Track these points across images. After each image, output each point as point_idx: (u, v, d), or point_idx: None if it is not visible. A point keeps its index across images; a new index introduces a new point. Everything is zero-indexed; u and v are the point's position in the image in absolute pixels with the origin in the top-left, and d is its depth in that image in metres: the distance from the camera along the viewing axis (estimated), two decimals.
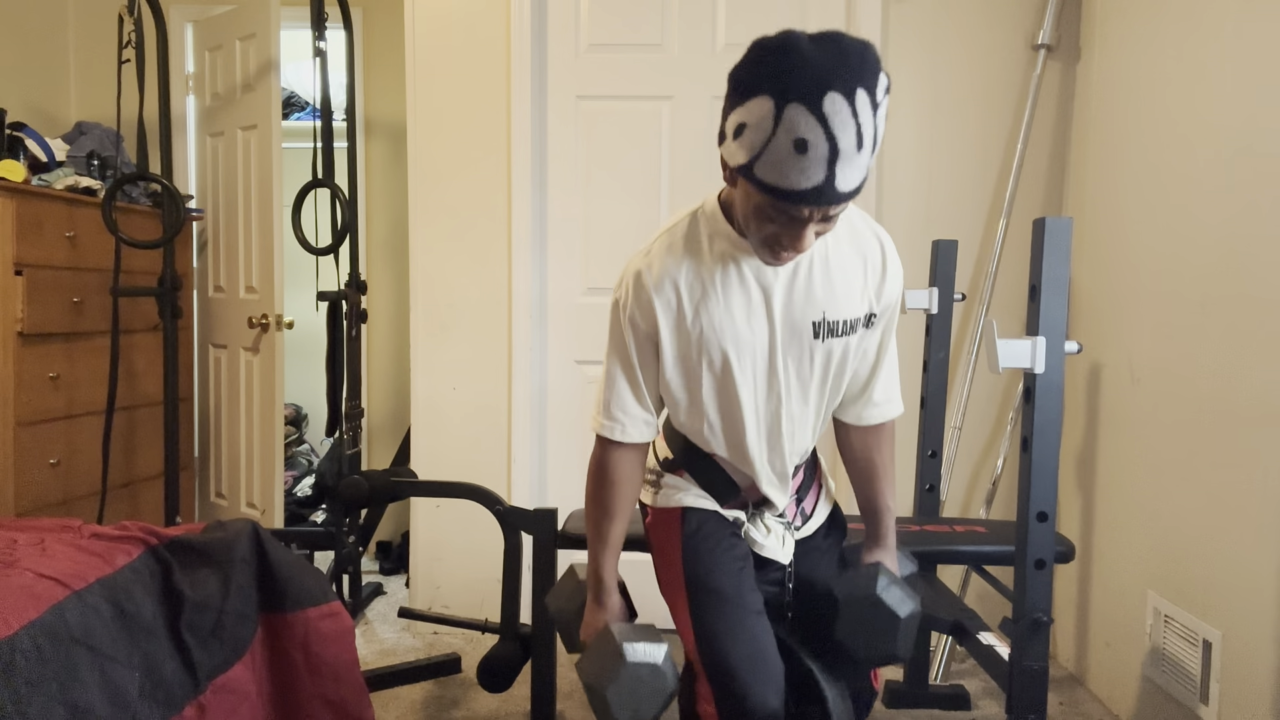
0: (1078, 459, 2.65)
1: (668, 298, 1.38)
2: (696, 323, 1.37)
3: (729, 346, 1.37)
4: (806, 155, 1.12)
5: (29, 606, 1.37)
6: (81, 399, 2.98)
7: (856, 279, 1.40)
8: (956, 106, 2.81)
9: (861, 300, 1.41)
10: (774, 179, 1.16)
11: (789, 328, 1.39)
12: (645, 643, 1.40)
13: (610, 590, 1.54)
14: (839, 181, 1.15)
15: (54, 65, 3.67)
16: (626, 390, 1.45)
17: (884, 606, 1.45)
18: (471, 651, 2.70)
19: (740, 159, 1.19)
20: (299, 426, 4.49)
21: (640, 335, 1.41)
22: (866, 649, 1.46)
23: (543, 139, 2.95)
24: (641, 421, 1.46)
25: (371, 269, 3.74)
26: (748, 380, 1.40)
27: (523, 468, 2.96)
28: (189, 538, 1.76)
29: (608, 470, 1.49)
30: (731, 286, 1.37)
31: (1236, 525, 1.95)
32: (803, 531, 1.57)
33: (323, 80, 2.81)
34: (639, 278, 1.39)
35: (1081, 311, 2.64)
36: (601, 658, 1.41)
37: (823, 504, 1.63)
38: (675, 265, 1.38)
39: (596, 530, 1.52)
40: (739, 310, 1.37)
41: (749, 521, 1.53)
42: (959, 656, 2.76)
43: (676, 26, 2.89)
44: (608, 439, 1.47)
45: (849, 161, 1.14)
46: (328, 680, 1.88)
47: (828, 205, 1.18)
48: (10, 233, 2.69)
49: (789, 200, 1.17)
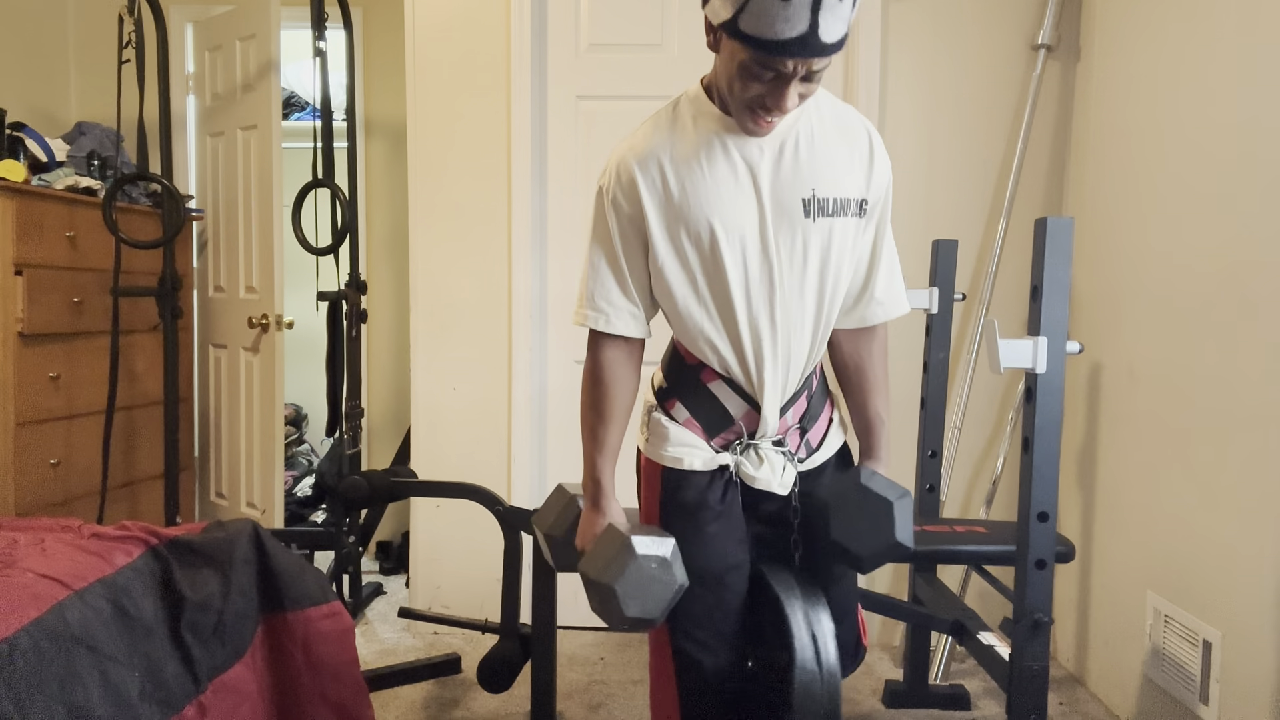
0: (1078, 459, 2.65)
1: (652, 176, 1.35)
2: (683, 198, 1.34)
3: (716, 222, 1.33)
4: (790, 3, 1.13)
5: (29, 606, 1.37)
6: (81, 399, 2.98)
7: (843, 158, 1.37)
8: (956, 106, 2.81)
9: (850, 180, 1.37)
10: (758, 29, 1.16)
11: (778, 206, 1.35)
12: (652, 537, 1.37)
13: (609, 494, 1.48)
14: (823, 30, 1.15)
15: (54, 65, 3.67)
16: (610, 279, 1.40)
17: (872, 493, 1.41)
18: (471, 651, 2.70)
19: (724, 14, 1.19)
20: (299, 426, 4.49)
21: (624, 218, 1.38)
22: (866, 543, 1.42)
23: (543, 139, 2.95)
24: (627, 313, 1.41)
25: (371, 269, 3.74)
26: (737, 260, 1.35)
27: (523, 468, 2.96)
28: (189, 538, 1.75)
29: (598, 369, 1.44)
30: (717, 162, 1.34)
31: (1236, 525, 1.95)
32: (807, 463, 1.49)
33: (323, 80, 2.82)
34: (623, 159, 1.37)
35: (1081, 311, 2.64)
36: (608, 553, 1.37)
37: (833, 435, 1.54)
38: (659, 144, 1.36)
39: (591, 433, 1.46)
40: (725, 185, 1.34)
41: (741, 455, 1.44)
42: (959, 656, 2.76)
43: (676, 26, 2.89)
44: (596, 333, 1.43)
45: (832, 9, 1.14)
46: (328, 680, 1.88)
47: (812, 56, 1.17)
48: (10, 233, 2.69)
49: (773, 51, 1.17)
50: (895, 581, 2.90)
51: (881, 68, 2.79)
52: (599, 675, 2.65)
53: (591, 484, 1.49)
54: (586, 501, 1.51)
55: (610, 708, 2.45)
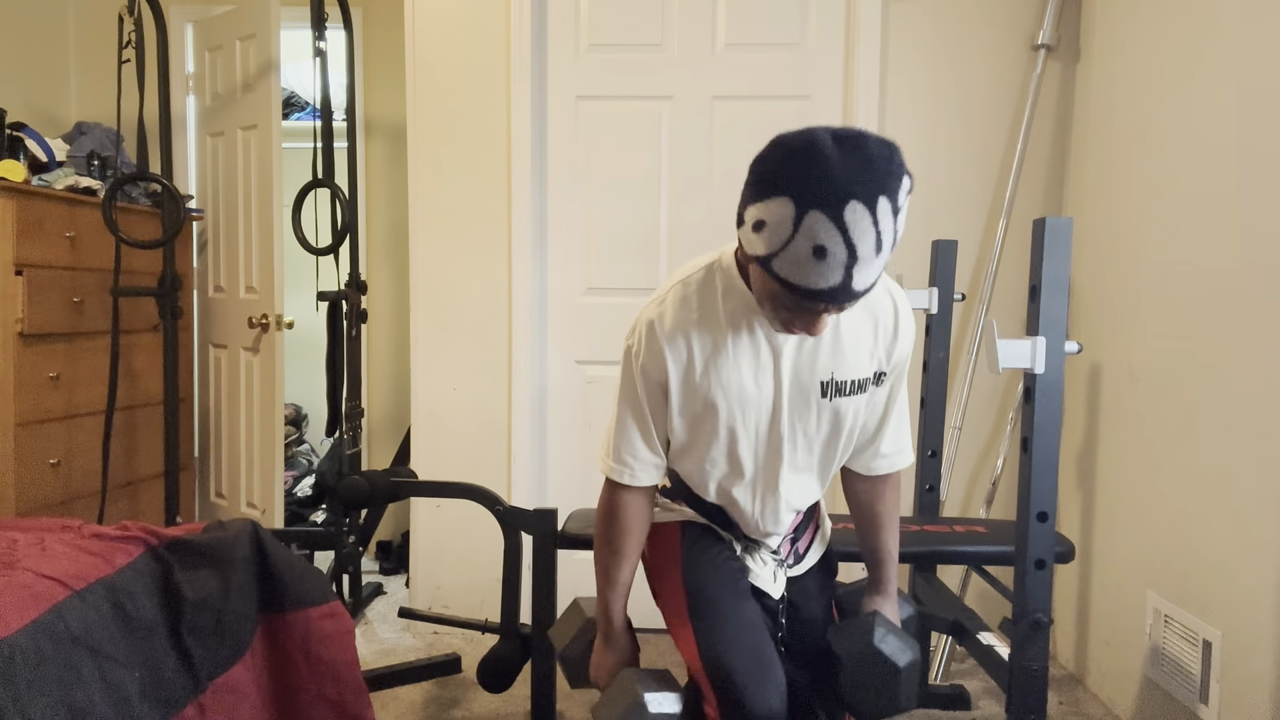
0: (1078, 459, 2.65)
1: (679, 351, 1.40)
2: (705, 378, 1.40)
3: (734, 404, 1.40)
4: (825, 261, 1.14)
5: (29, 606, 1.37)
6: (81, 399, 2.98)
7: (866, 340, 1.42)
8: (956, 106, 2.81)
9: (871, 360, 1.43)
10: (791, 277, 1.17)
11: (797, 388, 1.41)
12: (664, 693, 1.44)
13: (620, 632, 1.57)
14: (856, 283, 1.16)
15: (54, 65, 3.67)
16: (637, 435, 1.48)
17: (883, 658, 1.47)
18: (471, 651, 2.70)
19: (758, 251, 1.20)
20: (299, 426, 4.49)
21: (651, 383, 1.44)
22: (870, 702, 1.49)
23: (543, 139, 2.95)
24: (651, 465, 1.50)
25: (371, 269, 3.74)
26: (749, 437, 1.43)
27: (523, 468, 2.96)
28: (189, 538, 1.75)
29: (617, 513, 1.51)
30: (742, 345, 1.39)
31: (1236, 525, 1.95)
32: (794, 570, 1.61)
33: (323, 80, 2.82)
34: (652, 328, 1.41)
35: (1081, 311, 2.64)
36: (620, 707, 1.44)
37: (816, 547, 1.66)
38: (688, 319, 1.40)
39: (606, 572, 1.54)
40: (747, 369, 1.39)
41: (744, 552, 1.57)
42: (959, 656, 2.76)
43: (676, 26, 2.89)
44: (618, 483, 1.50)
45: (867, 264, 1.16)
46: (328, 680, 1.88)
47: (842, 303, 1.20)
48: (10, 233, 2.69)
49: (805, 298, 1.19)
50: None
51: (881, 68, 2.79)
52: None
53: (604, 620, 1.57)
54: (600, 635, 1.59)
55: None
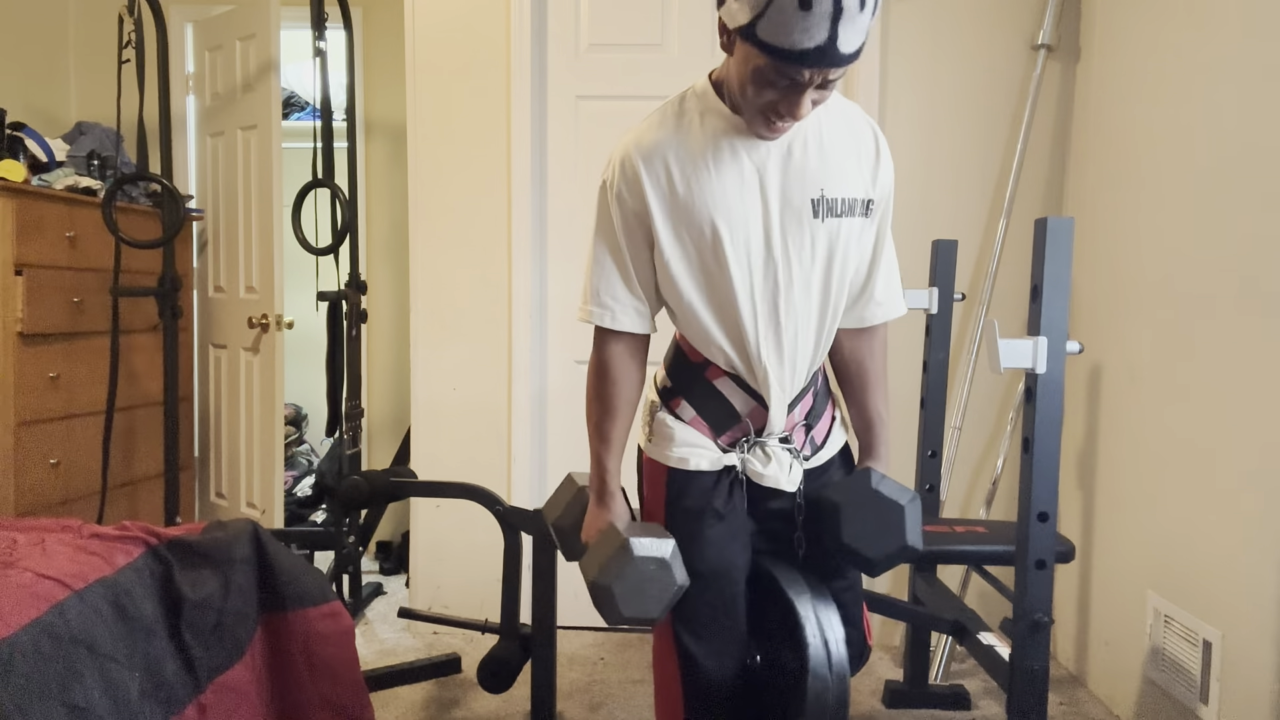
0: (1078, 459, 2.65)
1: (656, 171, 1.34)
2: (688, 196, 1.33)
3: (720, 220, 1.32)
4: (810, 12, 1.11)
5: (29, 606, 1.37)
6: (81, 399, 2.98)
7: (851, 157, 1.37)
8: (956, 106, 2.81)
9: (858, 180, 1.37)
10: (776, 38, 1.14)
11: (786, 206, 1.34)
12: (652, 538, 1.37)
13: (613, 491, 1.49)
14: (841, 41, 1.13)
15: (54, 65, 3.67)
16: (615, 274, 1.40)
17: (884, 498, 1.42)
18: (471, 651, 2.70)
19: (741, 19, 1.17)
20: (299, 426, 4.49)
21: (628, 212, 1.37)
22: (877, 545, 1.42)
23: (543, 139, 2.95)
24: (633, 309, 1.41)
25: (371, 269, 3.74)
26: (741, 260, 1.34)
27: (523, 468, 2.96)
28: (189, 538, 1.75)
29: (605, 365, 1.44)
30: (724, 161, 1.33)
31: (1236, 525, 1.95)
32: (813, 461, 1.50)
33: (323, 80, 2.82)
34: (627, 153, 1.36)
35: (1081, 311, 2.64)
36: (607, 553, 1.38)
37: (836, 433, 1.55)
38: (665, 139, 1.34)
39: (597, 429, 1.47)
40: (731, 185, 1.33)
41: (748, 452, 1.45)
42: (959, 656, 2.76)
43: (676, 26, 2.89)
44: (601, 329, 1.43)
45: (851, 20, 1.13)
46: (327, 680, 1.88)
47: (830, 67, 1.16)
48: (10, 233, 2.69)
49: (791, 60, 1.15)
50: (895, 581, 2.90)
51: (881, 68, 2.79)
52: (599, 675, 2.65)
53: (597, 480, 1.49)
54: (591, 496, 1.51)
55: (610, 708, 2.45)
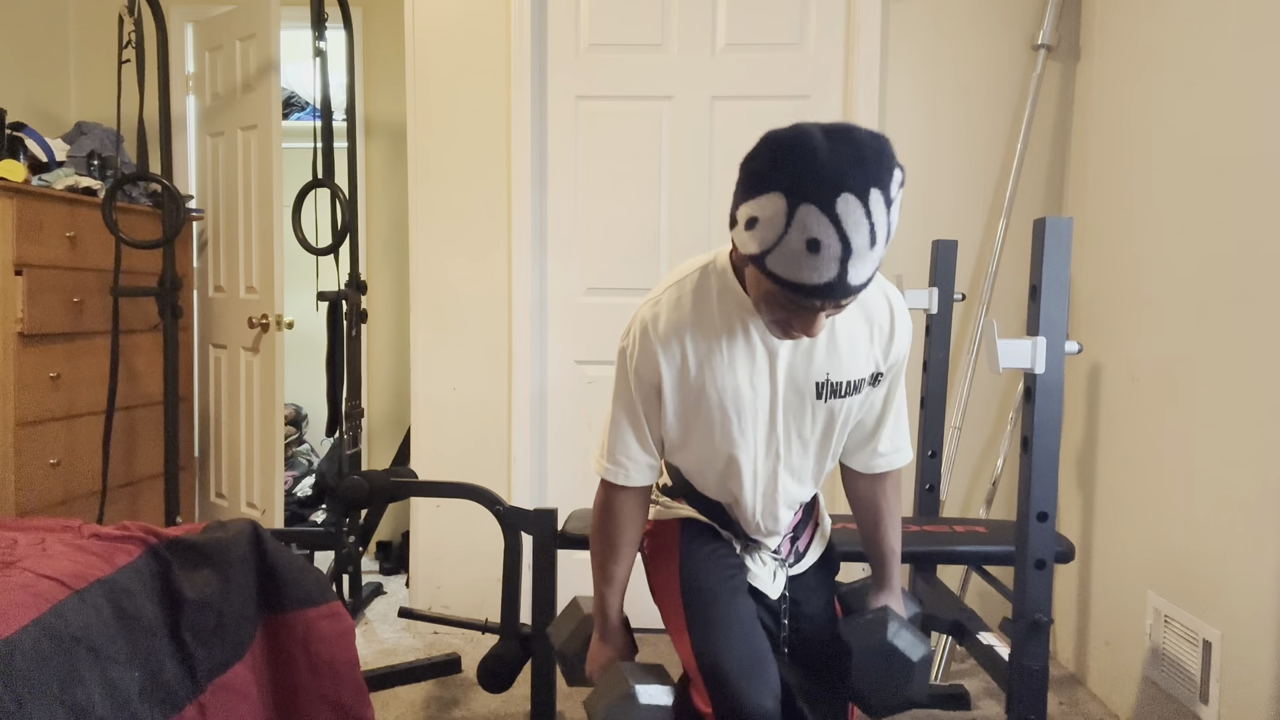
0: (1078, 459, 2.65)
1: (672, 354, 1.39)
2: (699, 380, 1.39)
3: (730, 406, 1.40)
4: (819, 255, 1.13)
5: (29, 606, 1.37)
6: (81, 399, 2.98)
7: (863, 343, 1.42)
8: (956, 106, 2.81)
9: (867, 361, 1.43)
10: (786, 273, 1.16)
11: (792, 389, 1.41)
12: (656, 685, 1.44)
13: (616, 628, 1.58)
14: (851, 277, 1.15)
15: (54, 65, 3.66)
16: (630, 436, 1.48)
17: (898, 653, 1.47)
18: (471, 651, 2.70)
19: (752, 249, 1.19)
20: (299, 426, 4.49)
21: (645, 385, 1.43)
22: (883, 696, 1.49)
23: (543, 139, 2.95)
24: (645, 465, 1.50)
25: (371, 269, 3.74)
26: (747, 439, 1.43)
27: (523, 468, 2.96)
28: (189, 538, 1.75)
29: (613, 512, 1.52)
30: (737, 347, 1.38)
31: (1236, 525, 1.95)
32: (795, 569, 1.60)
33: (323, 80, 2.81)
34: (645, 330, 1.41)
35: (1081, 311, 2.64)
36: (612, 698, 1.44)
37: (816, 544, 1.65)
38: (682, 321, 1.39)
39: (602, 569, 1.55)
40: (743, 371, 1.39)
41: (744, 551, 1.56)
42: (959, 656, 2.76)
43: (676, 26, 2.89)
44: (612, 483, 1.50)
45: (861, 258, 1.15)
46: (328, 680, 1.88)
47: (839, 299, 1.19)
48: (10, 233, 2.69)
49: (800, 294, 1.18)
50: None
51: (881, 68, 2.79)
52: None
53: (600, 616, 1.58)
54: (596, 631, 1.60)
55: None
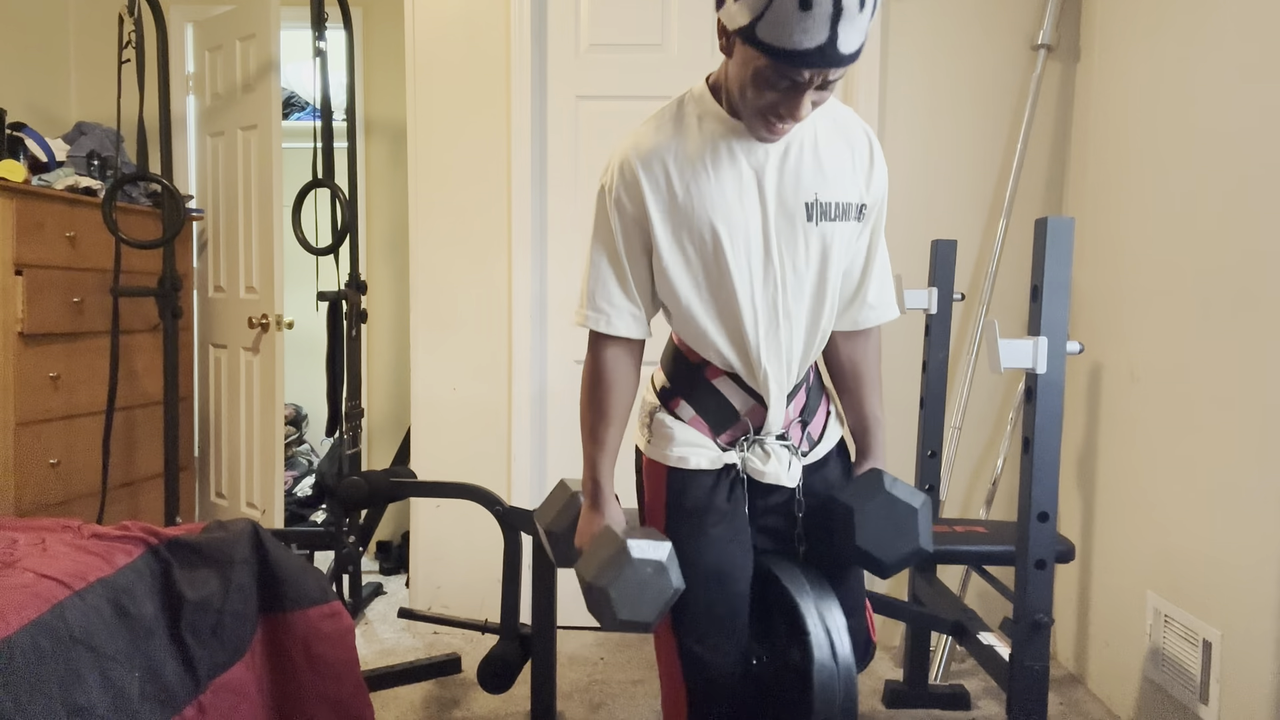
0: (1078, 459, 2.65)
1: (655, 176, 1.34)
2: (687, 200, 1.34)
3: (720, 224, 1.34)
4: (810, 12, 1.11)
5: (29, 606, 1.37)
6: (81, 399, 2.97)
7: (845, 162, 1.39)
8: (956, 107, 2.81)
9: (852, 184, 1.39)
10: (776, 39, 1.14)
11: (781, 209, 1.36)
12: (649, 540, 1.37)
13: (608, 495, 1.49)
14: (841, 42, 1.14)
15: (54, 65, 3.67)
16: (612, 280, 1.41)
17: (899, 502, 1.43)
18: (471, 651, 2.70)
19: (741, 20, 1.17)
20: (299, 426, 4.49)
21: (627, 218, 1.37)
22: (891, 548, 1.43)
23: (543, 139, 2.95)
24: (629, 314, 1.42)
25: (371, 269, 3.74)
26: (741, 262, 1.36)
27: (523, 468, 2.96)
28: (189, 538, 1.76)
29: (600, 370, 1.45)
30: (722, 165, 1.34)
31: (1236, 525, 1.95)
32: (810, 456, 1.51)
33: (323, 80, 2.82)
34: (626, 158, 1.37)
35: (1082, 311, 2.64)
36: (604, 555, 1.37)
37: (832, 427, 1.56)
38: (663, 144, 1.35)
39: (591, 433, 1.47)
40: (730, 188, 1.34)
41: (748, 450, 1.46)
42: (959, 656, 2.76)
43: (676, 26, 2.89)
44: (596, 333, 1.44)
45: (851, 20, 1.13)
46: (328, 680, 1.88)
47: (830, 67, 1.16)
48: (10, 233, 2.69)
49: (791, 61, 1.16)
50: (895, 581, 2.89)
51: (881, 68, 2.79)
52: (599, 675, 2.66)
53: (590, 483, 1.50)
54: (585, 500, 1.52)
55: (610, 708, 2.45)
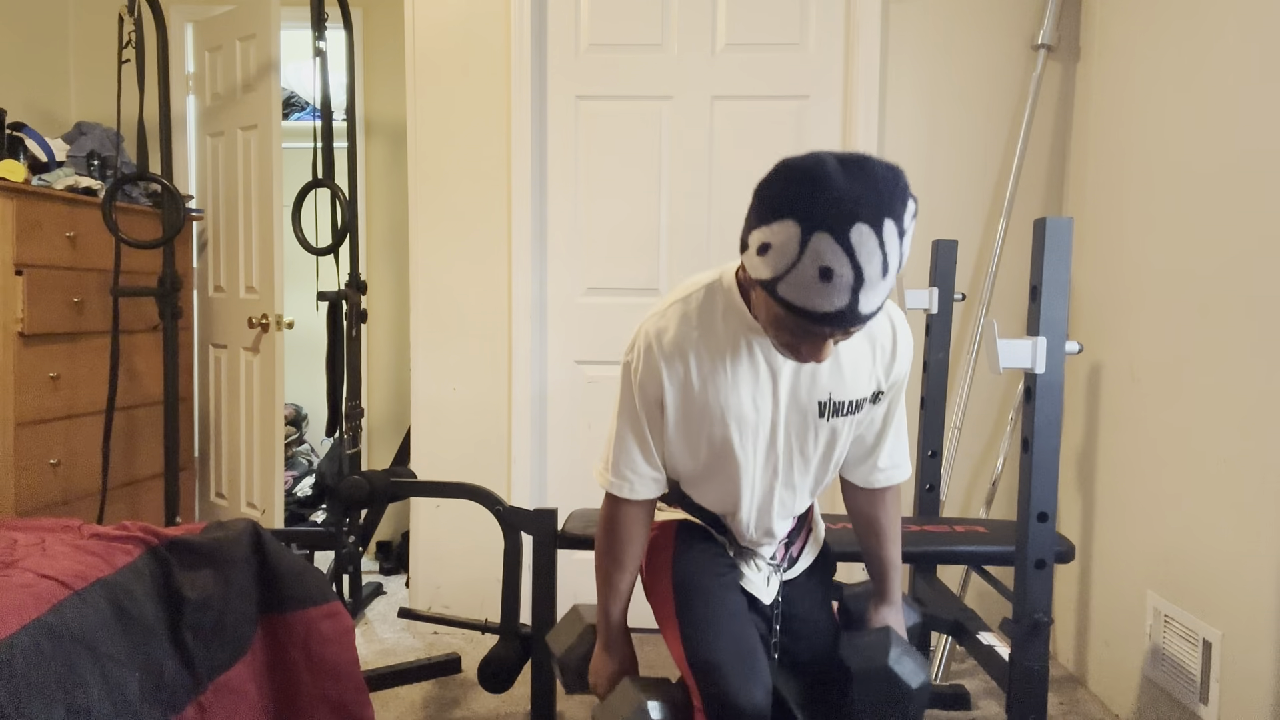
0: (1078, 459, 2.65)
1: (677, 369, 1.40)
2: (703, 396, 1.40)
3: (732, 423, 1.40)
4: (831, 283, 1.13)
5: (29, 606, 1.37)
6: (81, 399, 2.97)
7: (865, 363, 1.43)
8: (956, 107, 2.81)
9: (869, 381, 1.44)
10: (797, 300, 1.16)
11: (794, 407, 1.41)
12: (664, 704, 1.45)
13: (620, 639, 1.59)
14: (862, 306, 1.16)
15: (54, 65, 3.66)
16: (635, 450, 1.48)
17: (897, 679, 1.48)
18: (471, 651, 2.70)
19: (763, 275, 1.19)
20: (299, 426, 4.49)
21: (649, 400, 1.44)
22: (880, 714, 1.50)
23: (543, 139, 2.95)
24: (650, 479, 1.50)
25: (371, 269, 3.74)
26: (748, 456, 1.44)
27: (523, 468, 2.96)
28: (189, 538, 1.75)
29: (617, 525, 1.52)
30: (741, 365, 1.39)
31: (1236, 525, 1.95)
32: (789, 574, 1.62)
33: (323, 80, 2.82)
34: (650, 345, 1.41)
35: (1081, 311, 2.64)
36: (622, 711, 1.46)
37: (809, 550, 1.67)
38: (687, 337, 1.39)
39: (607, 581, 1.56)
40: (746, 389, 1.39)
41: (737, 556, 1.58)
42: (959, 656, 2.76)
43: (676, 26, 2.89)
44: (617, 496, 1.51)
45: (873, 288, 1.15)
46: (328, 680, 1.88)
47: (849, 327, 1.19)
48: (10, 233, 2.69)
49: (810, 321, 1.18)
50: None
51: (881, 68, 2.79)
52: None
53: (604, 627, 1.59)
54: (600, 642, 1.60)
55: None
